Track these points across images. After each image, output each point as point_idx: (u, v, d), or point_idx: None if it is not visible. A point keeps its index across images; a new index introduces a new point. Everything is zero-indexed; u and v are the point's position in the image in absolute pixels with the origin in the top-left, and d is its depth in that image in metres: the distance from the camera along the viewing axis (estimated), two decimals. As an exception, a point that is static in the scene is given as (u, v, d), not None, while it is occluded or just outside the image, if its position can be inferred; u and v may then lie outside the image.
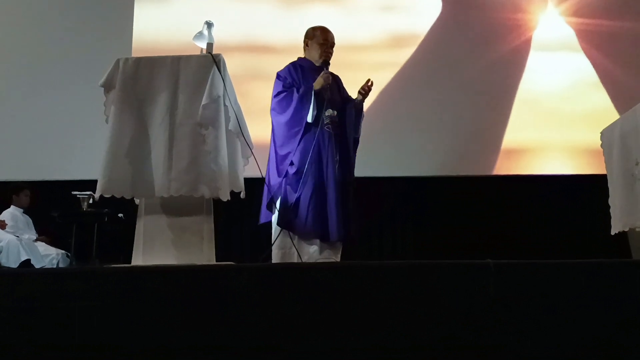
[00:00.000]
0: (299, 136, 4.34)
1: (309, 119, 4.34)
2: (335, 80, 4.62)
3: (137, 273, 2.84)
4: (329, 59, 4.54)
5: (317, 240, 4.30)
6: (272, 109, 4.45)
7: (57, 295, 2.56)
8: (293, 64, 4.59)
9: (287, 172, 4.32)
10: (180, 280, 2.65)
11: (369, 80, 4.49)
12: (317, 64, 4.53)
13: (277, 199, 4.32)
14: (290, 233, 4.28)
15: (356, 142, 4.62)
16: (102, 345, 2.48)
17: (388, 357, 2.44)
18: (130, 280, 2.68)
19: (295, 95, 4.36)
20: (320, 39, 4.57)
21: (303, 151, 4.30)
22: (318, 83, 4.37)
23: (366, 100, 4.61)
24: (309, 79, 4.44)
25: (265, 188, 4.38)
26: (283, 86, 4.43)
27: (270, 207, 4.31)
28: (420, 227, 6.78)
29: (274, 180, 4.37)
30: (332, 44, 4.58)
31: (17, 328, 2.51)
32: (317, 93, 4.36)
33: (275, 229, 4.34)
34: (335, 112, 4.47)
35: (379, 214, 6.81)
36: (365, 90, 4.48)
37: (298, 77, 4.48)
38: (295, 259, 4.21)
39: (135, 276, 2.74)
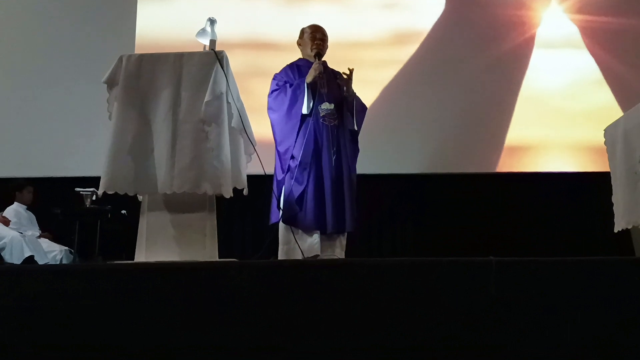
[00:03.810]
0: (296, 129, 4.38)
1: (305, 110, 4.38)
2: (335, 76, 4.63)
3: (139, 270, 2.84)
4: (321, 50, 4.57)
5: (318, 232, 4.32)
6: (269, 108, 4.50)
7: (58, 294, 2.56)
8: (290, 65, 4.65)
9: (289, 166, 4.34)
10: (181, 277, 2.65)
11: (348, 68, 4.51)
12: (312, 61, 4.56)
13: (281, 195, 4.34)
14: (292, 228, 4.30)
15: (354, 133, 4.62)
16: (102, 345, 2.48)
17: (388, 357, 2.43)
18: (132, 277, 2.68)
19: (289, 90, 4.42)
20: (310, 35, 4.64)
21: (301, 143, 4.33)
22: (310, 74, 4.42)
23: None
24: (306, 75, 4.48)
25: (274, 188, 4.40)
26: (277, 84, 4.49)
27: (279, 206, 4.33)
28: (420, 226, 6.76)
29: (280, 177, 4.40)
30: (323, 37, 4.62)
31: (17, 328, 2.52)
32: (310, 85, 4.39)
33: (280, 225, 4.37)
34: (333, 106, 4.48)
35: (379, 212, 6.80)
36: (345, 79, 4.49)
37: (295, 76, 4.53)
38: (298, 253, 4.23)
39: (137, 273, 2.74)
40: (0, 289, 2.57)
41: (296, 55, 4.74)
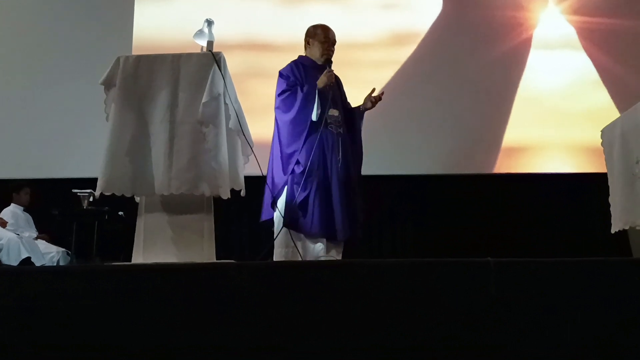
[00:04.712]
0: (304, 135, 4.33)
1: (314, 117, 4.34)
2: (336, 80, 4.61)
3: (137, 271, 2.83)
4: (331, 56, 4.54)
5: (324, 240, 4.30)
6: (277, 108, 4.44)
7: (58, 294, 2.56)
8: (295, 62, 4.58)
9: (293, 170, 4.31)
10: (180, 278, 2.65)
11: (382, 92, 4.53)
12: (319, 62, 4.53)
13: (280, 196, 4.32)
14: (291, 232, 4.27)
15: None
16: (102, 345, 2.47)
17: (388, 357, 2.43)
18: (130, 278, 2.68)
19: (300, 94, 4.35)
20: (322, 37, 4.57)
21: (308, 150, 4.29)
22: (321, 81, 4.37)
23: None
24: (311, 77, 4.44)
25: (267, 186, 4.37)
26: (287, 85, 4.43)
27: (274, 204, 4.31)
28: (420, 227, 6.77)
29: (279, 178, 4.36)
30: (334, 42, 4.58)
31: (17, 328, 2.51)
32: (320, 91, 4.37)
33: (277, 227, 4.34)
34: (338, 112, 4.47)
35: (379, 213, 6.80)
36: (377, 100, 4.51)
37: (300, 76, 4.47)
38: (297, 258, 4.21)
39: (136, 274, 2.73)
40: (0, 289, 2.57)
41: (294, 56, 4.70)
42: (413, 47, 7.11)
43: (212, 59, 3.44)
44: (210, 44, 3.57)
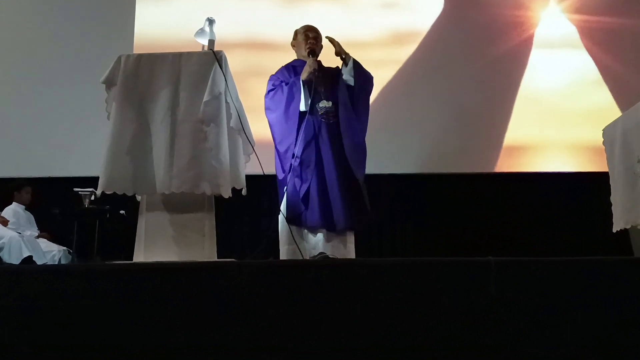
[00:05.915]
0: (295, 127, 4.36)
1: (303, 107, 4.36)
2: (332, 74, 4.59)
3: (138, 270, 2.83)
4: (314, 48, 4.56)
5: (324, 230, 4.30)
6: (266, 108, 4.49)
7: (58, 294, 2.56)
8: (286, 65, 4.66)
9: (291, 165, 4.33)
10: (181, 277, 2.65)
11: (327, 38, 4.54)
12: (306, 60, 4.55)
13: (283, 196, 4.32)
14: (290, 227, 4.27)
15: (366, 90, 4.58)
16: (102, 345, 2.47)
17: (388, 357, 2.43)
18: (132, 277, 2.68)
19: (285, 88, 4.42)
20: (302, 35, 4.66)
21: (302, 141, 4.32)
22: (304, 72, 4.42)
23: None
24: None
25: (279, 191, 4.39)
26: (272, 84, 4.48)
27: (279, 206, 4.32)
28: (420, 226, 6.76)
29: (281, 176, 4.38)
30: (316, 36, 4.63)
31: (17, 328, 2.51)
32: (305, 82, 4.39)
33: (281, 225, 4.35)
34: (331, 103, 4.46)
35: (379, 212, 6.79)
36: (333, 43, 4.49)
37: (291, 76, 4.52)
38: (299, 255, 4.21)
39: (136, 273, 2.73)
40: (0, 289, 2.57)
41: (294, 55, 4.74)
42: (413, 46, 7.11)
43: (213, 57, 3.44)
44: (211, 42, 3.57)
